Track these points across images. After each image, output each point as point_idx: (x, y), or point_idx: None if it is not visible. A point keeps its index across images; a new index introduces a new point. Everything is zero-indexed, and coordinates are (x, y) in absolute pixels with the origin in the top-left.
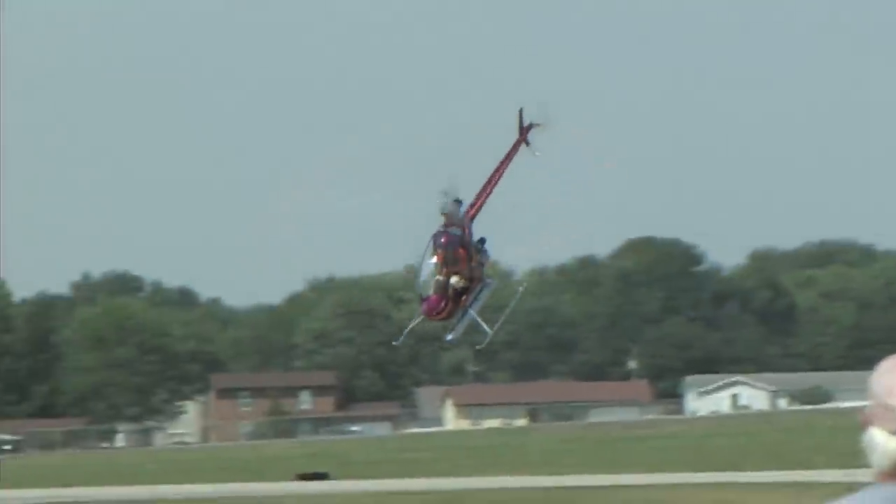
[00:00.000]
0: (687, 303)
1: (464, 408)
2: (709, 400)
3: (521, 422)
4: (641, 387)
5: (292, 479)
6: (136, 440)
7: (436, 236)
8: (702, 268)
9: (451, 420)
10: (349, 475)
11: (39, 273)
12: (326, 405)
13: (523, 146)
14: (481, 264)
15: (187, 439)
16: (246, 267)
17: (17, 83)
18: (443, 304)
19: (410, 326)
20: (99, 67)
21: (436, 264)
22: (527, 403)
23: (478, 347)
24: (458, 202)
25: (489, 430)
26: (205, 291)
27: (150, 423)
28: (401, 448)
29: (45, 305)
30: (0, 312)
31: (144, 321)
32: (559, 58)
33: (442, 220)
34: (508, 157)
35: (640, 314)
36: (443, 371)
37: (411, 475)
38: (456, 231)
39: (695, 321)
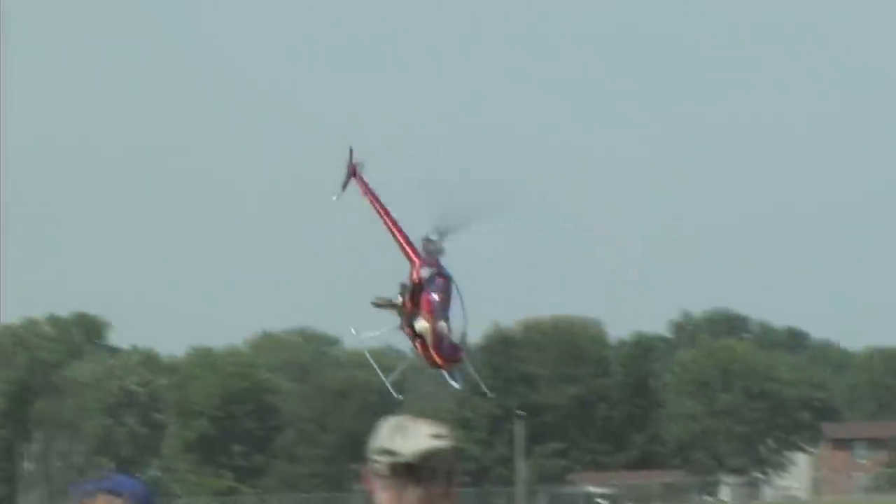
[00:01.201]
0: None
1: None
2: None
3: None
4: None
5: None
6: (742, 493)
7: (429, 279)
8: None
9: None
10: None
11: (637, 312)
12: None
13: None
14: None
15: (797, 493)
16: (860, 307)
17: None
18: (461, 350)
19: (392, 377)
20: None
21: (440, 307)
22: None
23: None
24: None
25: None
26: (816, 332)
27: (756, 475)
28: None
29: (643, 347)
30: (596, 355)
31: (750, 364)
32: None
33: (416, 261)
34: (373, 201)
35: None
36: None
37: None
38: (447, 272)
39: None
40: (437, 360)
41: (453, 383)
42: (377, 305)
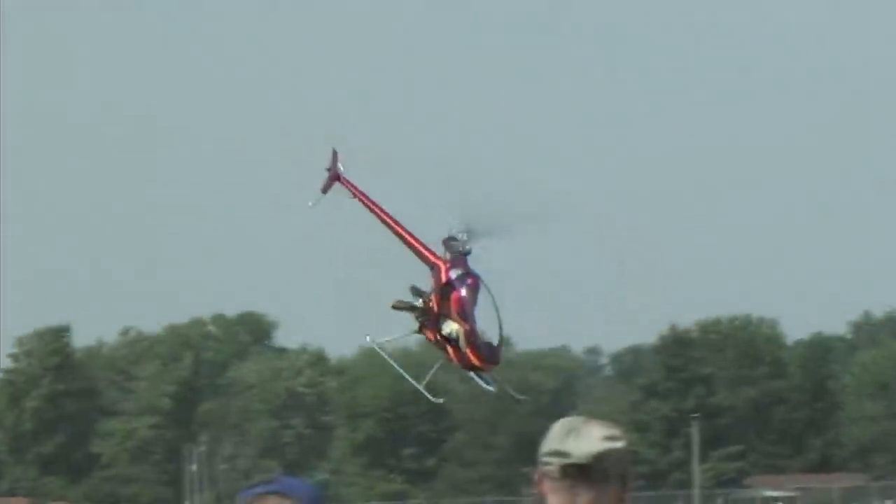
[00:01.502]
0: None
1: None
2: None
3: None
4: None
5: None
6: None
7: (459, 279)
8: None
9: None
10: None
11: (817, 312)
12: None
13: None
14: None
15: None
16: None
17: None
18: (499, 351)
19: (425, 381)
20: None
21: (471, 307)
22: None
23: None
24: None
25: None
26: None
27: None
28: None
29: (822, 348)
30: (772, 356)
31: None
32: None
33: (441, 259)
34: (370, 204)
35: None
36: None
37: None
38: (475, 272)
39: None
40: (475, 360)
41: (486, 386)
42: (397, 308)
